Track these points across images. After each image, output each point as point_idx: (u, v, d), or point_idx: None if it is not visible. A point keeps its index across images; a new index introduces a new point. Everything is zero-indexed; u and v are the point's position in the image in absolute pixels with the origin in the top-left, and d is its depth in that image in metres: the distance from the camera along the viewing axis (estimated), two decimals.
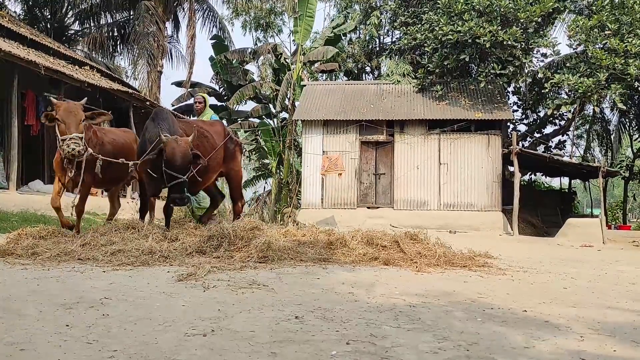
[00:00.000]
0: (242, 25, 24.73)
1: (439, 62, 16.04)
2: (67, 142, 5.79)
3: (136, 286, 3.66)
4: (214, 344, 2.36)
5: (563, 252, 8.56)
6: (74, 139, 5.82)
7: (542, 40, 15.17)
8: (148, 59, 18.52)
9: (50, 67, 11.29)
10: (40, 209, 10.40)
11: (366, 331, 2.63)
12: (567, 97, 15.72)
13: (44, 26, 20.64)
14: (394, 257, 5.15)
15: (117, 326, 2.63)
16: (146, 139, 6.34)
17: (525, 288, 4.16)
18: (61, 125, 5.90)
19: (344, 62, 22.10)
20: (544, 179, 22.85)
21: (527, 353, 2.38)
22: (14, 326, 2.59)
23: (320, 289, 3.70)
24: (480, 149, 15.74)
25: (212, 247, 5.15)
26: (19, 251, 5.07)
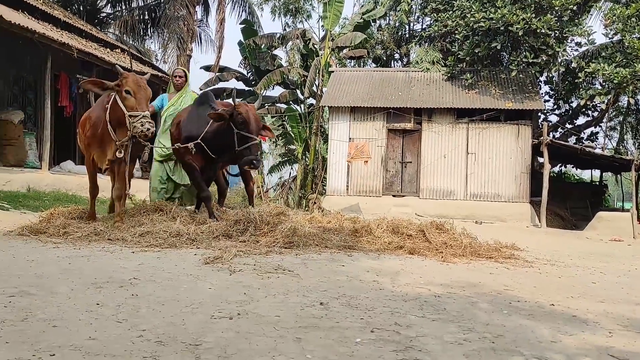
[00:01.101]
0: (271, 10, 24.65)
1: (470, 50, 15.78)
2: (142, 121, 5.22)
3: (164, 268, 3.72)
4: (240, 327, 2.39)
5: (592, 246, 8.40)
6: (148, 118, 5.30)
7: (576, 29, 14.78)
8: (178, 42, 18.64)
9: (82, 50, 11.47)
10: (71, 188, 10.64)
11: (391, 320, 2.63)
12: (602, 88, 15.33)
13: (77, 9, 20.91)
14: (420, 246, 5.13)
15: (145, 306, 2.68)
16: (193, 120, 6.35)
17: (552, 281, 4.10)
18: (130, 100, 5.33)
19: (372, 48, 21.91)
20: (575, 171, 22.42)
21: (554, 347, 2.35)
22: (46, 303, 2.66)
23: (345, 276, 3.71)
24: (510, 139, 15.49)
25: (238, 231, 5.19)
26: (51, 230, 5.21)
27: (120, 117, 5.41)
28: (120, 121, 5.45)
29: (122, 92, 5.36)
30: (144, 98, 5.40)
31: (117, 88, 5.40)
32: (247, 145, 5.85)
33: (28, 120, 12.15)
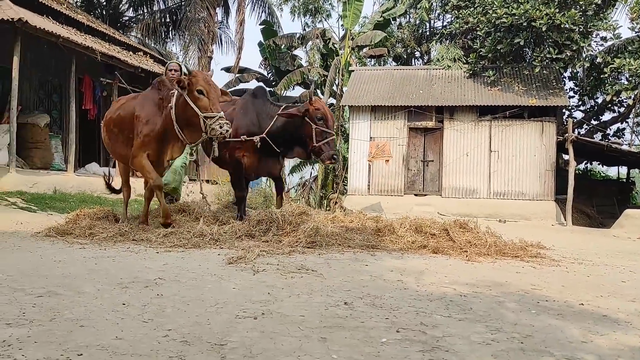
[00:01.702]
0: (290, 10, 24.73)
1: (492, 47, 15.58)
2: (219, 122, 5.02)
3: (188, 268, 3.74)
4: (264, 327, 2.38)
5: (619, 244, 8.22)
6: (224, 119, 5.12)
7: (602, 24, 14.48)
8: (199, 44, 18.80)
9: (106, 53, 11.63)
10: (96, 190, 10.79)
11: (416, 320, 2.60)
12: (628, 83, 14.98)
13: (100, 13, 21.22)
14: (443, 245, 5.08)
15: (170, 306, 2.70)
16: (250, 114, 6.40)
17: (581, 280, 4.01)
18: (203, 100, 5.13)
19: (393, 47, 21.80)
20: (601, 168, 22.01)
21: (585, 347, 2.29)
22: (73, 303, 2.69)
23: (369, 276, 3.69)
24: (534, 136, 15.26)
25: (261, 231, 5.21)
26: (77, 231, 5.29)
27: (191, 118, 5.19)
28: (189, 122, 5.24)
29: (193, 92, 5.15)
30: (216, 97, 5.22)
31: (188, 87, 5.17)
32: (327, 140, 5.95)
33: (54, 124, 12.37)
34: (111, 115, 6.07)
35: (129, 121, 5.70)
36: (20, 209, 7.91)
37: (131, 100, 6.00)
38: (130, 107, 5.81)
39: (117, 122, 5.89)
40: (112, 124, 5.98)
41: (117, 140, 5.93)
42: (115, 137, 5.95)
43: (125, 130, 5.77)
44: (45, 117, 11.50)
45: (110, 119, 6.04)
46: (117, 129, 5.90)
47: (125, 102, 6.07)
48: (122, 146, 5.87)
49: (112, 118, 6.02)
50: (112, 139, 6.03)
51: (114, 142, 6.01)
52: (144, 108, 5.61)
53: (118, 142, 5.93)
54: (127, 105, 5.91)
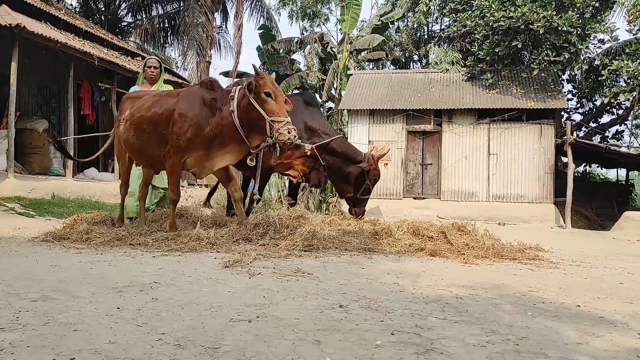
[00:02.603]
0: (288, 14, 24.82)
1: (490, 50, 15.61)
2: (287, 127, 4.82)
3: (184, 271, 3.73)
4: (258, 330, 2.37)
5: (619, 247, 8.21)
6: (291, 124, 4.90)
7: (599, 26, 14.52)
8: (197, 49, 18.85)
9: (104, 58, 11.65)
10: (94, 195, 10.80)
11: (411, 322, 2.59)
12: (626, 85, 15.00)
13: (99, 18, 21.29)
14: (441, 248, 5.07)
15: (165, 310, 2.69)
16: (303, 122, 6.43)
17: (578, 282, 4.01)
18: (271, 103, 4.93)
19: (391, 50, 21.85)
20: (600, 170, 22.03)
21: (580, 349, 2.28)
22: (68, 307, 2.68)
23: (365, 279, 3.68)
24: (532, 139, 15.28)
25: (258, 234, 5.19)
26: (74, 236, 5.27)
27: (256, 122, 4.98)
28: (252, 126, 5.04)
29: (260, 95, 4.95)
30: (282, 101, 5.01)
31: (255, 90, 4.99)
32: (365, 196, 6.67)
33: (52, 129, 12.37)
34: (143, 113, 5.53)
35: (165, 119, 5.30)
36: (18, 214, 7.90)
37: (168, 97, 5.56)
38: (169, 104, 5.38)
39: (153, 120, 5.41)
40: (146, 121, 5.46)
41: (149, 140, 5.46)
42: (147, 136, 5.46)
43: (161, 130, 5.35)
44: (43, 123, 11.51)
45: (142, 117, 5.51)
46: (150, 127, 5.42)
47: (159, 99, 5.59)
48: (155, 146, 5.42)
49: (144, 116, 5.50)
50: (141, 138, 5.53)
51: (144, 141, 5.51)
52: (191, 108, 5.23)
53: (150, 142, 5.46)
54: (164, 102, 5.47)
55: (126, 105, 5.90)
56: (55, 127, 12.71)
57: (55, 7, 14.35)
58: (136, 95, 6.04)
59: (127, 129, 5.66)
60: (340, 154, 6.70)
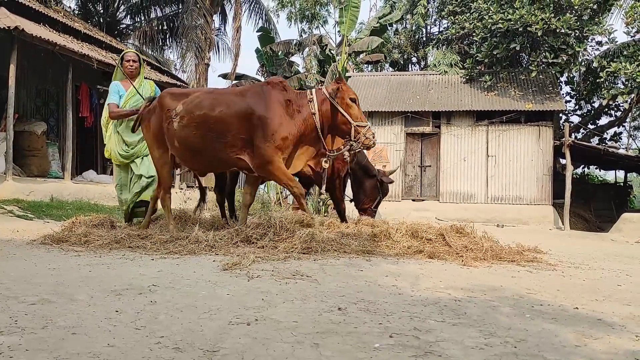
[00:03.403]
0: (287, 16, 24.87)
1: (488, 52, 15.67)
2: (372, 132, 5.09)
3: (183, 274, 3.73)
4: (257, 333, 2.37)
5: (617, 248, 8.23)
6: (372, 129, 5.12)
7: (597, 28, 14.58)
8: (196, 51, 18.85)
9: (102, 61, 11.66)
10: (93, 197, 10.79)
11: (410, 324, 2.59)
12: (624, 87, 15.06)
13: (97, 21, 21.30)
14: (439, 250, 5.07)
15: (164, 313, 2.68)
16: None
17: (576, 284, 4.01)
18: (355, 109, 5.13)
19: (389, 52, 21.89)
20: (598, 172, 22.08)
21: (578, 352, 2.29)
22: (66, 310, 2.68)
23: (364, 281, 3.68)
24: (531, 140, 15.30)
25: (257, 236, 5.19)
26: (72, 239, 5.27)
27: (339, 126, 5.19)
28: (334, 129, 5.26)
29: (345, 100, 5.13)
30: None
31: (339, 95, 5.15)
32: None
33: (51, 131, 12.38)
34: (206, 112, 5.28)
35: (239, 120, 5.17)
36: (16, 217, 7.90)
37: (232, 96, 5.41)
38: (239, 105, 5.23)
39: (222, 120, 5.21)
40: (213, 121, 5.24)
41: (216, 140, 5.25)
42: (212, 136, 5.25)
43: (231, 131, 5.19)
44: (42, 125, 11.50)
45: (207, 115, 5.26)
46: (220, 127, 5.22)
47: (221, 97, 5.43)
48: (224, 148, 5.25)
49: (210, 115, 5.26)
50: (205, 138, 5.28)
51: (208, 141, 5.29)
52: (270, 109, 5.15)
53: (216, 142, 5.26)
54: (231, 101, 5.31)
55: (171, 101, 5.54)
56: (53, 130, 12.71)
57: (54, 10, 14.36)
58: (181, 92, 5.83)
59: (186, 126, 5.35)
60: (361, 165, 6.91)
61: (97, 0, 21.78)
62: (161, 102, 5.61)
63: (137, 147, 6.17)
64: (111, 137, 6.26)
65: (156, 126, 5.57)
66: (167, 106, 5.52)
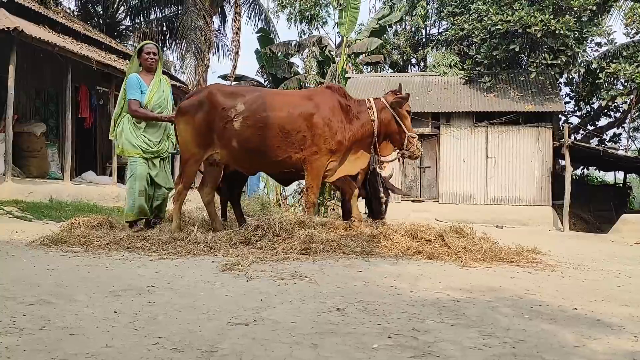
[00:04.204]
0: (287, 17, 24.90)
1: (488, 53, 15.68)
2: (419, 143, 5.61)
3: (181, 275, 3.73)
4: (255, 334, 2.37)
5: (616, 249, 8.23)
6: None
7: (596, 29, 14.60)
8: (195, 52, 18.86)
9: (102, 62, 11.65)
10: (92, 198, 10.78)
11: (408, 325, 2.59)
12: (623, 88, 15.09)
13: (97, 22, 21.30)
14: (439, 251, 5.06)
15: (162, 314, 2.68)
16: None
17: (575, 285, 4.01)
18: (408, 120, 5.61)
19: (389, 54, 21.91)
20: (598, 173, 22.08)
21: (577, 352, 2.28)
22: (64, 311, 2.68)
23: (363, 282, 3.68)
24: (530, 142, 15.31)
25: (256, 237, 5.19)
26: (71, 240, 5.26)
27: (393, 134, 5.63)
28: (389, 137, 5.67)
29: (402, 111, 5.58)
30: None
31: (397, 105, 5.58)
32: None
33: (50, 132, 12.37)
34: (274, 113, 5.40)
35: (304, 121, 5.34)
36: (15, 218, 7.89)
37: (297, 98, 5.62)
38: (305, 106, 5.42)
39: (288, 121, 5.35)
40: (279, 121, 5.36)
41: (277, 140, 5.37)
42: (273, 135, 5.36)
43: (296, 131, 5.34)
44: (41, 126, 11.50)
45: (274, 116, 5.38)
46: (287, 128, 5.34)
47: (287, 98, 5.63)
48: (280, 147, 5.38)
49: (277, 115, 5.39)
50: (266, 138, 5.37)
51: (269, 141, 5.38)
52: (334, 113, 5.41)
53: (276, 143, 5.37)
54: (297, 103, 5.49)
55: (226, 100, 5.47)
56: (52, 131, 12.70)
57: (53, 11, 14.37)
58: (232, 90, 5.74)
59: (251, 126, 5.37)
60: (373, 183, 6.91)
61: (97, 2, 21.78)
62: (213, 100, 5.46)
63: (161, 147, 5.92)
64: (124, 130, 5.82)
65: (203, 123, 5.44)
66: (222, 104, 5.42)
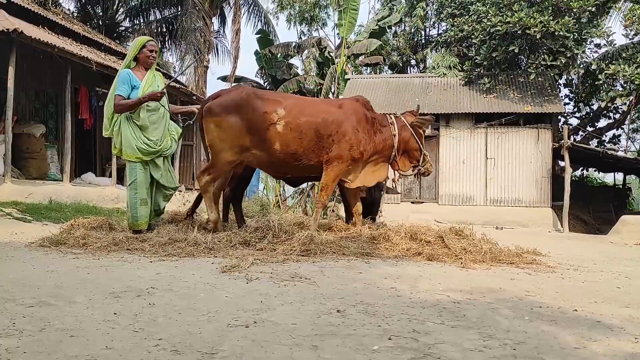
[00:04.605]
0: (286, 19, 24.88)
1: (487, 54, 15.67)
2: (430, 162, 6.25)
3: (181, 277, 3.72)
4: (255, 336, 2.37)
5: (616, 251, 8.23)
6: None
7: (595, 30, 14.59)
8: (195, 54, 18.86)
9: (101, 63, 11.64)
10: (92, 200, 10.77)
11: (409, 327, 2.59)
12: (623, 89, 15.09)
13: (96, 23, 21.30)
14: (438, 252, 5.07)
15: (162, 315, 2.68)
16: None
17: (575, 287, 4.01)
18: (423, 139, 6.16)
19: (388, 55, 21.92)
20: (597, 174, 22.09)
21: (577, 354, 2.28)
22: (64, 313, 2.67)
23: (363, 283, 3.67)
24: (529, 143, 15.31)
25: (256, 238, 5.19)
26: (71, 241, 5.24)
27: (411, 151, 6.11)
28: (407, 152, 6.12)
29: (420, 130, 6.07)
30: None
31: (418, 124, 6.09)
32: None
33: (49, 134, 12.36)
34: (309, 119, 5.64)
35: (335, 128, 5.65)
36: (15, 219, 7.87)
37: (329, 106, 5.96)
38: (337, 114, 5.73)
39: (323, 127, 5.63)
40: (315, 127, 5.62)
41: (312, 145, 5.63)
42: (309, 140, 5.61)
43: (327, 136, 5.62)
44: (41, 127, 11.49)
45: (312, 121, 5.64)
46: (321, 134, 5.62)
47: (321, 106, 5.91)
48: (313, 152, 5.66)
49: (314, 121, 5.63)
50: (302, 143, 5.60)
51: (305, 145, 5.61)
52: (360, 122, 5.78)
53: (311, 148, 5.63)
54: (330, 110, 5.78)
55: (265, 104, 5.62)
56: (52, 132, 12.70)
57: (53, 12, 14.37)
58: (268, 95, 5.88)
59: (293, 130, 5.57)
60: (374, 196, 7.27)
61: (96, 3, 21.79)
62: (252, 103, 5.58)
63: (162, 146, 5.70)
64: (122, 130, 5.64)
65: (240, 126, 5.53)
66: (263, 108, 5.56)
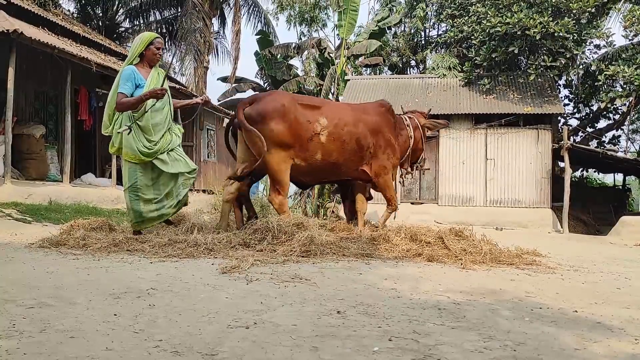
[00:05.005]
0: (286, 19, 24.89)
1: (487, 55, 15.67)
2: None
3: (181, 278, 3.72)
4: (256, 337, 2.37)
5: (616, 251, 8.23)
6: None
7: (595, 31, 14.59)
8: (195, 55, 18.88)
9: (101, 64, 11.64)
10: (92, 200, 10.76)
11: (409, 328, 2.59)
12: (622, 90, 15.08)
13: (96, 24, 21.30)
14: (438, 253, 5.07)
15: (162, 316, 2.68)
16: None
17: (575, 287, 4.01)
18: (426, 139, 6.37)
19: (388, 56, 21.92)
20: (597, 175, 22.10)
21: (578, 355, 2.28)
22: (64, 314, 2.67)
23: (363, 284, 3.67)
24: (529, 144, 15.31)
25: (256, 240, 5.18)
26: (71, 242, 5.24)
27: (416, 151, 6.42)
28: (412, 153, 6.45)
29: (425, 132, 6.37)
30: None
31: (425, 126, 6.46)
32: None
33: (49, 134, 12.35)
34: (352, 128, 5.78)
35: (371, 136, 5.87)
36: (15, 220, 7.86)
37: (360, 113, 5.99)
38: (369, 122, 5.90)
39: (363, 136, 5.80)
40: (355, 136, 5.77)
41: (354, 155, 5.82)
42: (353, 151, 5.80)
43: (366, 146, 5.84)
44: (40, 128, 11.48)
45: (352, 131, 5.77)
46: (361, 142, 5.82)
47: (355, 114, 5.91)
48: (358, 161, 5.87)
49: (354, 131, 5.78)
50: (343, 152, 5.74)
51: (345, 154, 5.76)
52: (393, 130, 6.05)
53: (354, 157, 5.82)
54: (366, 120, 5.91)
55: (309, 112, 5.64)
56: (52, 133, 12.69)
57: (53, 13, 14.37)
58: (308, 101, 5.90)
59: (336, 140, 5.68)
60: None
61: (96, 4, 21.79)
62: (296, 111, 5.58)
63: (161, 144, 5.51)
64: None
65: (286, 132, 5.51)
66: (307, 117, 5.61)
